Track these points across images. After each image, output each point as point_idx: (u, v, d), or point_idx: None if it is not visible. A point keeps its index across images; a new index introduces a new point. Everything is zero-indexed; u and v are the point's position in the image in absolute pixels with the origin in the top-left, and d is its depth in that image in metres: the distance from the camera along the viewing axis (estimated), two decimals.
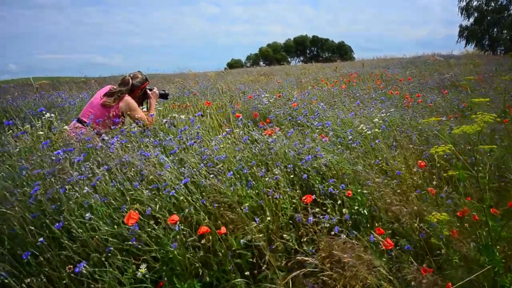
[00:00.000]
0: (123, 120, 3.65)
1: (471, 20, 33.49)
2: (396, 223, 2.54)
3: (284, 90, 8.09)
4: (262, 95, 5.88)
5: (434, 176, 3.18)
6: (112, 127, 3.49)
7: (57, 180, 2.19)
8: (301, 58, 71.07)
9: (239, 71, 25.60)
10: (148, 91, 3.91)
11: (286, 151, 2.88)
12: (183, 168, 2.35)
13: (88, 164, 2.29)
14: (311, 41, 71.83)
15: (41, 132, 3.44)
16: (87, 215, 1.95)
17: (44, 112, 3.41)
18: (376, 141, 3.54)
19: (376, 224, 2.58)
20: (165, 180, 2.22)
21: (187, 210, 2.13)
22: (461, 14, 33.80)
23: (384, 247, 2.16)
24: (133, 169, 2.26)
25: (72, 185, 2.12)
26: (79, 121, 3.58)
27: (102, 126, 3.54)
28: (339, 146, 3.29)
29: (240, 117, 3.54)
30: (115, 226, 2.00)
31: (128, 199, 2.14)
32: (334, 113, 4.46)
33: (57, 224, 1.94)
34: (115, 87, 3.72)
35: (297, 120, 4.41)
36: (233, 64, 64.47)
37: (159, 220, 2.08)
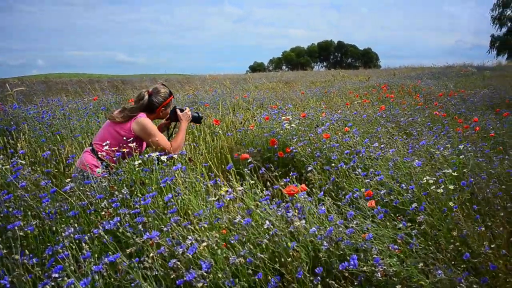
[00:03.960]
0: (137, 148, 2.70)
1: (504, 30, 31.95)
2: None
3: (309, 105, 6.89)
4: (283, 116, 4.71)
5: None
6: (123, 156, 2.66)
7: None
8: (324, 64, 69.57)
9: (260, 75, 24.54)
10: (179, 112, 3.12)
11: (316, 240, 1.72)
12: None
13: None
14: (335, 47, 70.12)
15: None
16: None
17: None
18: (451, 205, 2.33)
19: None
20: None
21: None
22: (493, 23, 32.24)
23: None
24: None
25: None
26: (93, 150, 2.84)
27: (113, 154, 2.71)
28: (399, 223, 2.09)
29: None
30: None
31: None
32: (380, 150, 3.25)
33: None
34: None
35: (330, 159, 3.24)
36: (256, 67, 63.62)
37: None
